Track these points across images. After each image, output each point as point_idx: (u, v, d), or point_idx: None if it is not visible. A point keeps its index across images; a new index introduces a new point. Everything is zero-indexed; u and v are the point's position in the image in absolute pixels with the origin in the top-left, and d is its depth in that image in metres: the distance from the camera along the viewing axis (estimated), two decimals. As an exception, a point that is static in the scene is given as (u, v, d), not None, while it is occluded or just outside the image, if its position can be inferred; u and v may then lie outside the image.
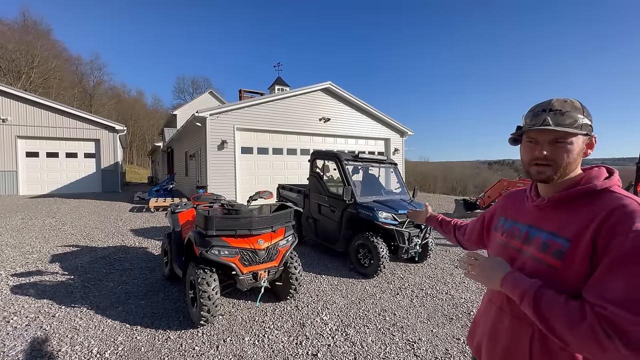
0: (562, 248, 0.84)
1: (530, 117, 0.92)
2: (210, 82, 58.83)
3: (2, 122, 12.38)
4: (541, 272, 0.88)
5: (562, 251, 0.84)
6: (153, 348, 2.59)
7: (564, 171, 0.90)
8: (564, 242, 0.84)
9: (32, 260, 4.71)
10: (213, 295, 2.74)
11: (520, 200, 1.08)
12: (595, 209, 0.82)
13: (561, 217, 0.89)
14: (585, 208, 0.85)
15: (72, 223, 7.40)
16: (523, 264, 0.95)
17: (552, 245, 0.87)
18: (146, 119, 51.16)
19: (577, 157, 0.89)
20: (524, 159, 0.97)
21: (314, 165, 5.54)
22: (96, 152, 14.07)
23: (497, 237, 1.10)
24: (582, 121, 0.87)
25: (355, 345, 2.69)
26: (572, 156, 0.88)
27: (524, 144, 0.96)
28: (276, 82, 18.59)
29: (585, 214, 0.84)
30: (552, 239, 0.88)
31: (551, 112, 0.88)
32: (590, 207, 0.84)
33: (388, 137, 14.37)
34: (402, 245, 4.30)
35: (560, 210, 0.91)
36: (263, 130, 11.33)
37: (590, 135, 0.89)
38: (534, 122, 0.90)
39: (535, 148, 0.91)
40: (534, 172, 0.93)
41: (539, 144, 0.90)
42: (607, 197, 0.84)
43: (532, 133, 0.91)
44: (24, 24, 33.64)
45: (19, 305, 3.26)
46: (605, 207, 0.80)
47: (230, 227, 2.93)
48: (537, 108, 0.92)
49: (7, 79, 28.62)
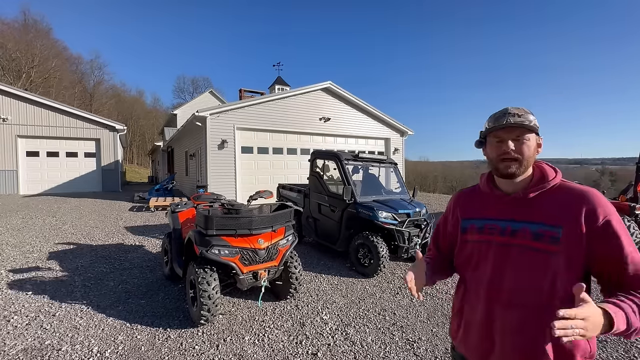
0: (557, 235, 0.96)
1: (492, 121, 1.06)
2: (210, 82, 58.89)
3: (3, 121, 12.38)
4: (537, 258, 0.99)
5: (556, 237, 0.96)
6: (153, 347, 2.59)
7: (527, 165, 1.03)
8: (556, 230, 0.96)
9: (32, 259, 4.71)
10: (213, 294, 2.74)
11: (476, 200, 1.18)
12: (576, 198, 0.98)
13: (544, 208, 1.01)
14: (561, 198, 1.00)
15: (72, 222, 7.40)
16: (510, 256, 1.03)
17: (545, 234, 0.98)
18: (146, 119, 51.14)
19: (534, 153, 1.03)
20: (491, 157, 1.08)
21: (314, 164, 5.54)
22: (96, 152, 14.07)
23: (469, 238, 1.16)
24: (534, 122, 1.02)
25: (355, 345, 2.70)
26: (531, 151, 1.02)
27: (490, 144, 1.08)
28: (276, 81, 18.57)
29: (566, 203, 0.98)
30: (543, 228, 0.98)
31: (510, 115, 1.02)
32: (565, 197, 1.00)
33: (388, 136, 14.37)
34: (402, 244, 4.31)
35: (540, 203, 1.02)
36: (263, 130, 11.33)
37: (539, 136, 1.05)
38: (498, 123, 1.03)
39: (501, 145, 1.04)
40: (502, 167, 1.04)
41: (505, 141, 1.03)
42: (571, 188, 1.01)
43: (498, 132, 1.04)
44: (24, 22, 33.67)
45: (19, 305, 3.27)
46: (585, 196, 0.97)
47: (230, 226, 2.93)
48: (497, 114, 1.06)
49: (8, 78, 28.60)
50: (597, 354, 2.58)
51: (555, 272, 0.96)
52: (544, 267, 0.97)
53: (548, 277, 0.96)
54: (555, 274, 0.96)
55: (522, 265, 1.01)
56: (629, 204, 5.20)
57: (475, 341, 1.10)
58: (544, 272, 0.97)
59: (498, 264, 1.05)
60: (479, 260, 1.10)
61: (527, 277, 1.00)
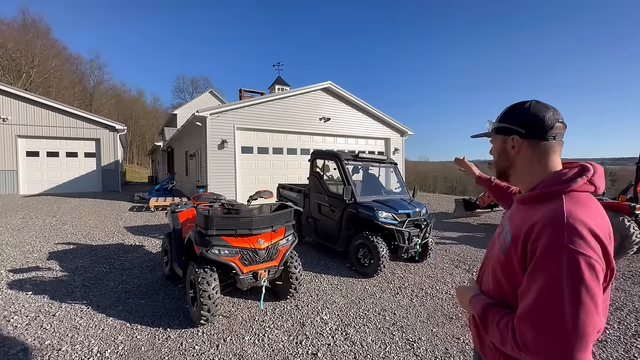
0: (507, 245, 0.91)
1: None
2: (210, 82, 58.86)
3: (3, 121, 12.39)
4: (495, 263, 0.98)
5: (505, 248, 0.91)
6: (153, 347, 2.59)
7: (500, 168, 1.05)
8: (509, 239, 0.90)
9: (32, 259, 4.71)
10: (213, 294, 2.74)
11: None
12: (536, 215, 0.84)
13: (518, 216, 0.94)
14: (533, 211, 0.87)
15: (72, 222, 7.40)
16: (491, 254, 1.05)
17: (503, 242, 0.94)
18: (146, 119, 51.15)
19: (503, 156, 1.01)
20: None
21: (314, 164, 5.54)
22: (96, 152, 14.07)
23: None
24: (497, 125, 1.01)
25: (355, 345, 2.70)
26: (498, 154, 1.04)
27: None
28: (276, 81, 18.58)
29: (528, 217, 0.86)
30: (505, 234, 0.95)
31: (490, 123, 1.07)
32: (535, 212, 0.86)
33: (388, 136, 14.38)
34: (402, 244, 4.31)
35: (521, 209, 0.95)
36: (263, 130, 11.33)
37: (511, 135, 0.97)
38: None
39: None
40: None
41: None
42: (551, 204, 0.84)
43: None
44: (23, 22, 33.67)
45: (19, 305, 3.27)
46: (540, 216, 0.82)
47: (230, 226, 2.93)
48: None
49: (8, 79, 28.61)
50: (597, 354, 2.58)
51: (500, 282, 0.93)
52: (494, 273, 0.96)
53: (495, 284, 0.96)
54: (499, 283, 0.93)
55: (490, 266, 1.02)
56: (629, 204, 5.20)
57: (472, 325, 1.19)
58: (494, 278, 0.96)
59: (489, 259, 1.08)
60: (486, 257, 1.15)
61: (488, 279, 1.02)
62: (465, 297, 1.06)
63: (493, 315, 0.90)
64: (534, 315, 0.75)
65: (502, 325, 0.85)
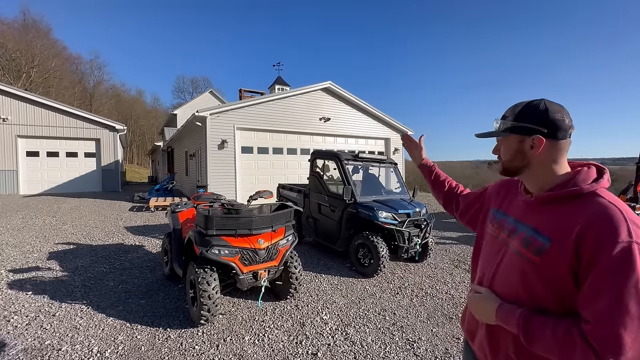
0: (542, 246, 0.87)
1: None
2: (210, 82, 58.72)
3: (3, 121, 12.38)
4: (521, 265, 0.93)
5: (541, 249, 0.88)
6: (153, 347, 2.59)
7: (508, 166, 1.01)
8: (545, 241, 0.87)
9: (32, 259, 4.71)
10: (213, 294, 2.74)
11: (513, 193, 1.11)
12: (580, 214, 0.83)
13: (546, 215, 0.92)
14: (570, 210, 0.87)
15: (72, 222, 7.40)
16: (505, 256, 1.00)
17: (533, 242, 0.90)
18: (146, 119, 51.14)
19: (518, 155, 0.96)
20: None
21: (314, 164, 5.54)
22: (96, 152, 14.06)
23: (489, 229, 1.14)
24: (515, 124, 0.95)
25: (355, 345, 2.70)
26: (510, 153, 0.99)
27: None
28: (276, 81, 18.57)
29: (569, 217, 0.85)
30: (534, 236, 0.91)
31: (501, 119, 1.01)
32: (574, 211, 0.86)
33: (388, 136, 14.38)
34: (402, 244, 4.31)
35: (546, 209, 0.93)
36: (263, 130, 11.33)
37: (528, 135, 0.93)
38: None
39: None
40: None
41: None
42: (592, 202, 0.84)
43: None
44: (23, 22, 33.66)
45: (19, 305, 3.27)
46: (590, 215, 0.82)
47: (230, 226, 2.93)
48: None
49: (8, 78, 28.61)
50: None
51: (533, 285, 0.89)
52: (523, 276, 0.92)
53: (526, 288, 0.92)
54: (532, 287, 0.90)
55: (508, 269, 0.98)
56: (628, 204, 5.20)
57: (467, 320, 1.18)
58: (523, 282, 0.92)
59: (497, 261, 1.03)
60: (487, 252, 1.11)
61: (509, 283, 0.97)
62: (487, 308, 0.98)
63: (541, 325, 0.83)
64: (620, 318, 0.72)
65: (560, 334, 0.79)
